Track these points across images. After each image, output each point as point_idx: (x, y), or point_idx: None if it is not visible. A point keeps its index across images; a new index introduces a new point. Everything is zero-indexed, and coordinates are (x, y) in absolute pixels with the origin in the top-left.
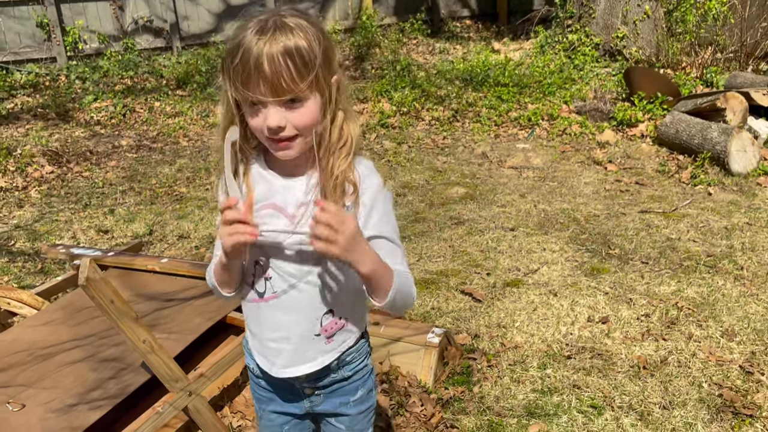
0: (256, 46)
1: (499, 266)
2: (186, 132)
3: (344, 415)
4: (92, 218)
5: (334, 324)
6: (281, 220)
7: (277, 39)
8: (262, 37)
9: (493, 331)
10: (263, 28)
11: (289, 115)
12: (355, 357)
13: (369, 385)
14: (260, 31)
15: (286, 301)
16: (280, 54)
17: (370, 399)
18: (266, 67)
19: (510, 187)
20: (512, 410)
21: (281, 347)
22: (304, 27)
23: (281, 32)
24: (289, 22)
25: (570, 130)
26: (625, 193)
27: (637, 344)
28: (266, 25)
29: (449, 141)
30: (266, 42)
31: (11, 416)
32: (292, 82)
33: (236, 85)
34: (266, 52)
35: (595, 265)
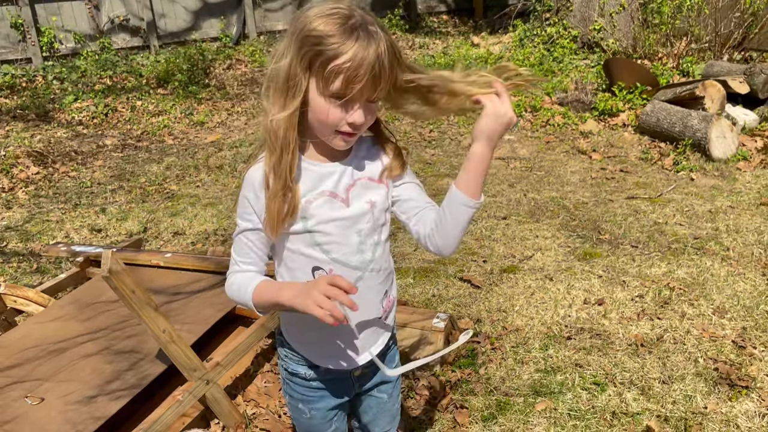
0: (360, 51)
1: (494, 253)
2: (171, 130)
3: (386, 382)
4: (84, 217)
5: (389, 303)
6: (336, 204)
7: (371, 43)
8: (360, 41)
9: (494, 315)
10: (354, 28)
11: (366, 111)
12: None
13: (396, 347)
14: (355, 34)
15: (353, 297)
16: (379, 59)
17: (398, 358)
18: (371, 72)
19: (499, 177)
20: (518, 390)
21: (350, 340)
22: (380, 27)
23: (373, 36)
24: (369, 24)
25: (553, 121)
26: (611, 181)
27: (634, 323)
28: (356, 26)
29: (436, 134)
30: (366, 47)
31: (30, 410)
32: (385, 83)
33: (333, 83)
34: (370, 57)
35: (587, 250)
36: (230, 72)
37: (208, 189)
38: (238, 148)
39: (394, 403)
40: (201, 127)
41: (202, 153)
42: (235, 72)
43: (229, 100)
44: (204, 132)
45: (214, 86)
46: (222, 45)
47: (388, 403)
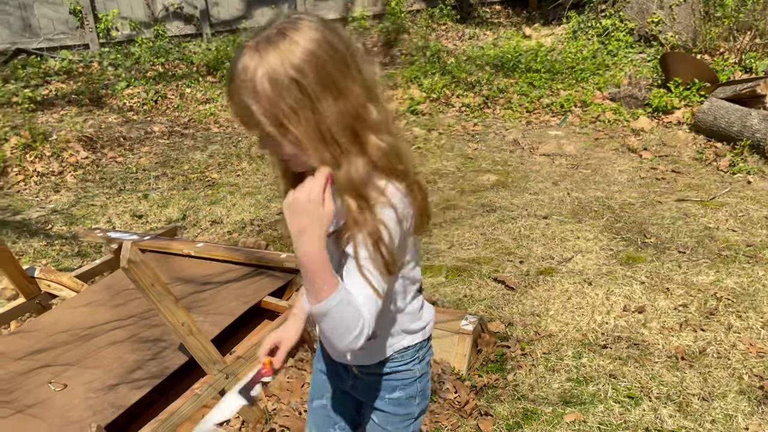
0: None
1: (532, 254)
2: (216, 118)
3: (379, 409)
4: (127, 203)
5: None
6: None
7: (235, 61)
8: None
9: (527, 319)
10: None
11: (262, 143)
12: (397, 358)
13: (411, 391)
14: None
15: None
16: (233, 82)
17: (410, 406)
18: (227, 96)
19: (542, 174)
20: (547, 399)
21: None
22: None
23: (239, 53)
24: (261, 39)
25: (603, 116)
26: (661, 181)
27: (675, 334)
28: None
29: (480, 128)
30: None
31: (54, 396)
32: (245, 118)
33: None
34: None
35: (630, 253)
36: None
37: (249, 178)
38: None
39: None
40: None
41: (245, 142)
42: None
43: None
44: None
45: None
46: None
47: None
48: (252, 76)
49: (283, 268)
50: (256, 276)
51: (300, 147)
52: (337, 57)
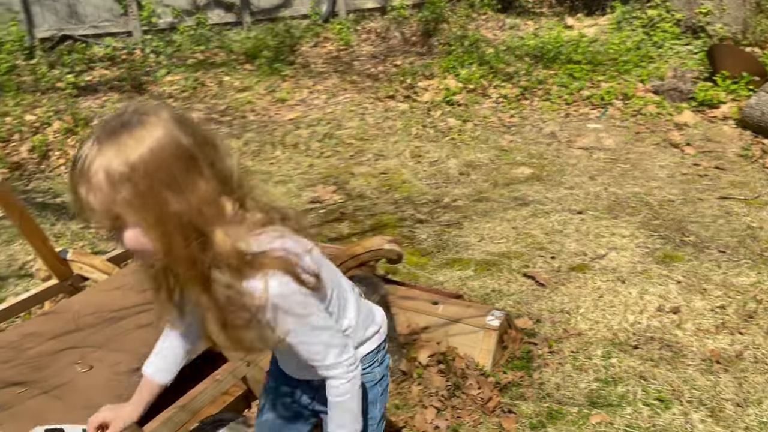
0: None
1: (564, 250)
2: (253, 106)
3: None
4: None
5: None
6: None
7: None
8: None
9: (556, 316)
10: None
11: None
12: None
13: (372, 395)
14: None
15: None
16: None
17: (372, 410)
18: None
19: (579, 168)
20: (573, 399)
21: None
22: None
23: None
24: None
25: (646, 110)
26: (704, 178)
27: (711, 337)
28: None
29: (516, 119)
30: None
31: (79, 377)
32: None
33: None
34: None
35: (667, 252)
36: (316, 50)
37: (282, 167)
38: (315, 127)
39: None
40: (282, 104)
41: (281, 130)
42: (320, 50)
43: (312, 78)
44: (285, 109)
45: (299, 63)
46: (311, 22)
47: None
48: (88, 167)
49: None
50: None
51: (139, 241)
52: (180, 154)
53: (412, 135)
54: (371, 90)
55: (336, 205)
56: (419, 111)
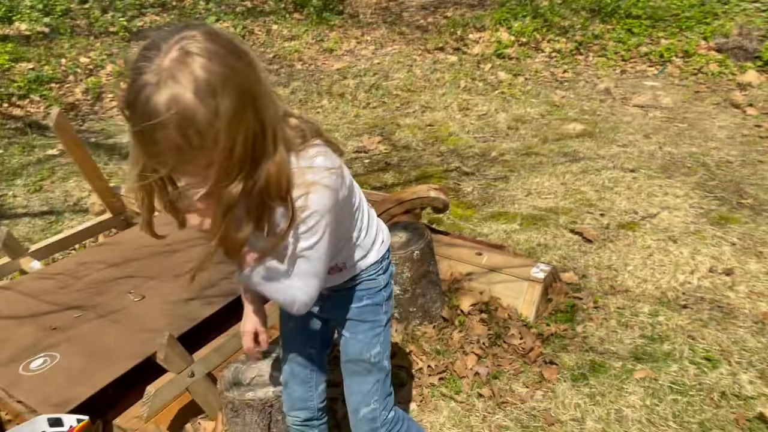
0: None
1: (614, 207)
2: (301, 55)
3: (349, 319)
4: None
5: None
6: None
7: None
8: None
9: (603, 272)
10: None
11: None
12: (363, 273)
13: (377, 299)
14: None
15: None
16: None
17: (377, 313)
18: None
19: (633, 126)
20: (617, 353)
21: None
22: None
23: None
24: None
25: (707, 68)
26: (766, 140)
27: (764, 300)
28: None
29: (570, 75)
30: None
31: (132, 305)
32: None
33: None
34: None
35: (723, 213)
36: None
37: (328, 116)
38: (362, 78)
39: (357, 351)
40: (330, 54)
41: (327, 80)
42: (369, 0)
43: (360, 29)
44: (332, 59)
45: (347, 14)
46: None
47: (349, 346)
48: (172, 109)
49: None
50: None
51: (206, 172)
52: (249, 63)
53: (461, 88)
54: (420, 41)
55: (381, 155)
56: (469, 64)
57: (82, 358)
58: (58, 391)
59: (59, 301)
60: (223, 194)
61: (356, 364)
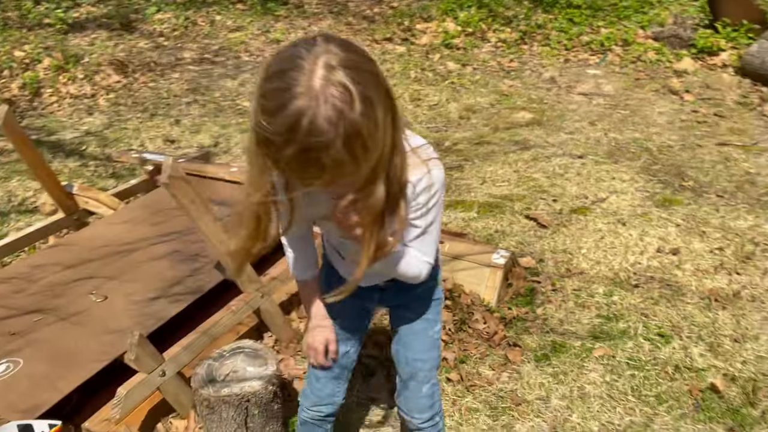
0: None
1: (566, 193)
2: (247, 47)
3: (416, 299)
4: (159, 128)
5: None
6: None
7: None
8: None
9: (558, 256)
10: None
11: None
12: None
13: (436, 278)
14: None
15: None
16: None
17: (438, 291)
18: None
19: (579, 113)
20: (576, 333)
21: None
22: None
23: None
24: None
25: (645, 56)
26: (703, 125)
27: (709, 277)
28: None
29: (516, 64)
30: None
31: (94, 306)
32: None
33: None
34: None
35: (667, 196)
36: None
37: None
38: None
39: (422, 329)
40: (277, 45)
41: None
42: None
43: (306, 19)
44: None
45: (292, 4)
46: None
47: (416, 325)
48: (339, 127)
49: None
50: None
51: (356, 180)
52: (375, 60)
53: (411, 78)
54: (367, 32)
55: None
56: (417, 54)
57: (45, 363)
58: (23, 397)
59: (16, 306)
60: (371, 198)
61: (422, 343)
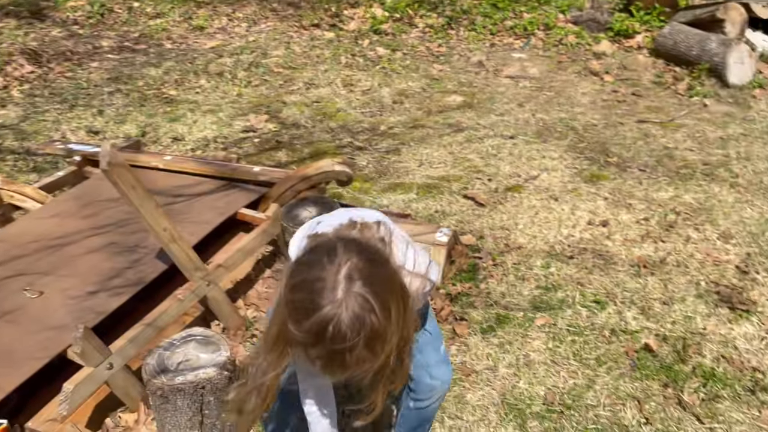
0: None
1: (500, 172)
2: (169, 34)
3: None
4: (81, 119)
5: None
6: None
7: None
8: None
9: (497, 232)
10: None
11: None
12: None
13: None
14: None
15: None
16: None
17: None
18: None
19: (507, 96)
20: (518, 305)
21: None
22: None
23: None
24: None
25: (566, 40)
26: (622, 104)
27: (637, 246)
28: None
29: (444, 49)
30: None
31: (30, 303)
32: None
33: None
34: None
35: (594, 172)
36: None
37: (209, 96)
38: (239, 56)
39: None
40: (201, 32)
41: (202, 59)
42: None
43: (230, 5)
44: (204, 37)
45: None
46: None
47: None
48: (361, 332)
49: (256, 181)
50: (228, 189)
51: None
52: (390, 260)
53: (342, 64)
54: (294, 18)
55: (271, 134)
56: (347, 40)
57: None
58: None
59: None
60: (386, 369)
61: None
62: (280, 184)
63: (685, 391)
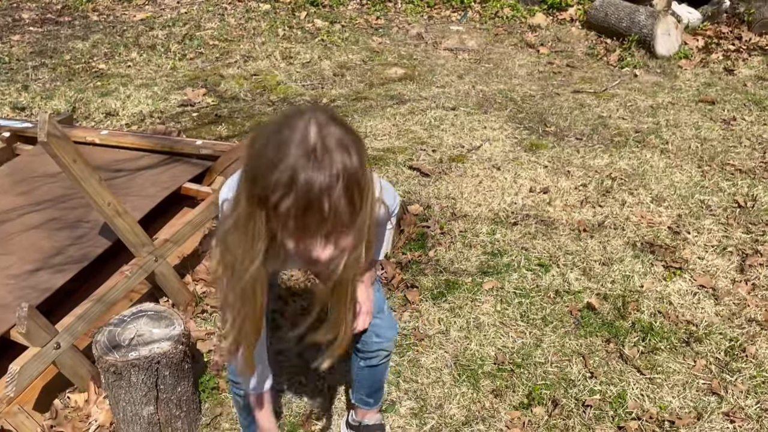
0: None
1: (443, 143)
2: (95, 6)
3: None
4: (4, 95)
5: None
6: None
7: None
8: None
9: (443, 202)
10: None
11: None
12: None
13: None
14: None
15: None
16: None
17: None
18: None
19: (447, 68)
20: (466, 270)
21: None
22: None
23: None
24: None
25: (502, 13)
26: (558, 75)
27: (577, 211)
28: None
29: (383, 21)
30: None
31: None
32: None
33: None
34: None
35: (533, 141)
36: None
37: (141, 69)
38: (171, 28)
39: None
40: (128, 4)
41: (132, 31)
42: None
43: None
44: (132, 9)
45: None
46: None
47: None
48: (348, 160)
49: (199, 155)
50: (171, 163)
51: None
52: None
53: (280, 36)
54: None
55: (209, 107)
56: (283, 12)
57: None
58: None
59: None
60: (355, 256)
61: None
62: (224, 157)
63: (626, 345)
